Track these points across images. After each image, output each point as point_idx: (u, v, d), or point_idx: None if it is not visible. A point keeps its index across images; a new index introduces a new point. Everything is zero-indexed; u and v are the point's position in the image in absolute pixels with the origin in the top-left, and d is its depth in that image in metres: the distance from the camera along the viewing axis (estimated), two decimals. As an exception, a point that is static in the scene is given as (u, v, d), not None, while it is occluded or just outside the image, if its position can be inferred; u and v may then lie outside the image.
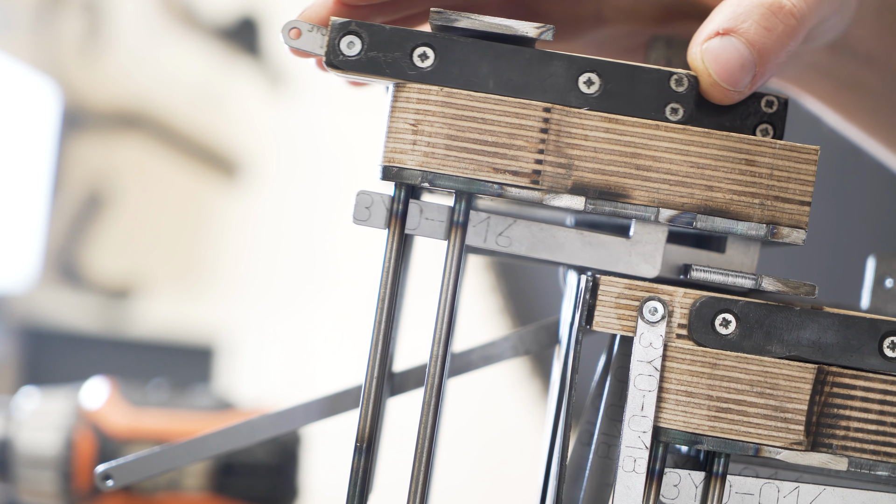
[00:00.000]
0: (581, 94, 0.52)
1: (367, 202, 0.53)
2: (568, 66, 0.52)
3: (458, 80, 0.52)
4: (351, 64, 0.52)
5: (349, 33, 0.52)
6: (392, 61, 0.52)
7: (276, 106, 2.54)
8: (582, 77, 0.52)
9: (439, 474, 0.68)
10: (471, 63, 0.52)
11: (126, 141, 2.54)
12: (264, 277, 2.57)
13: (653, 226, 0.53)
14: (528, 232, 0.53)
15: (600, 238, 0.53)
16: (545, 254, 0.53)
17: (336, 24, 0.52)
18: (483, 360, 0.63)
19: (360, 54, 0.52)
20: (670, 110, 0.52)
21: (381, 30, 0.52)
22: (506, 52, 0.52)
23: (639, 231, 0.53)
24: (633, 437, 0.51)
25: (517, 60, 0.52)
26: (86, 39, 2.50)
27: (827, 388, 0.52)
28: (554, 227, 0.53)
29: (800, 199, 0.52)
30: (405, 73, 0.52)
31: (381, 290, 0.52)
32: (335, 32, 0.52)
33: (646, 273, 0.53)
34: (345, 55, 0.52)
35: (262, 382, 2.44)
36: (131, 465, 0.61)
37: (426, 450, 0.52)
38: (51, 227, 2.47)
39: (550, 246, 0.53)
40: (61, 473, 0.93)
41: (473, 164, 0.52)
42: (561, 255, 0.53)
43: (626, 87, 0.52)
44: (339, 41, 0.52)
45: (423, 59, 0.52)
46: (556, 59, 0.52)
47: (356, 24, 0.52)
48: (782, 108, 0.55)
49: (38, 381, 1.37)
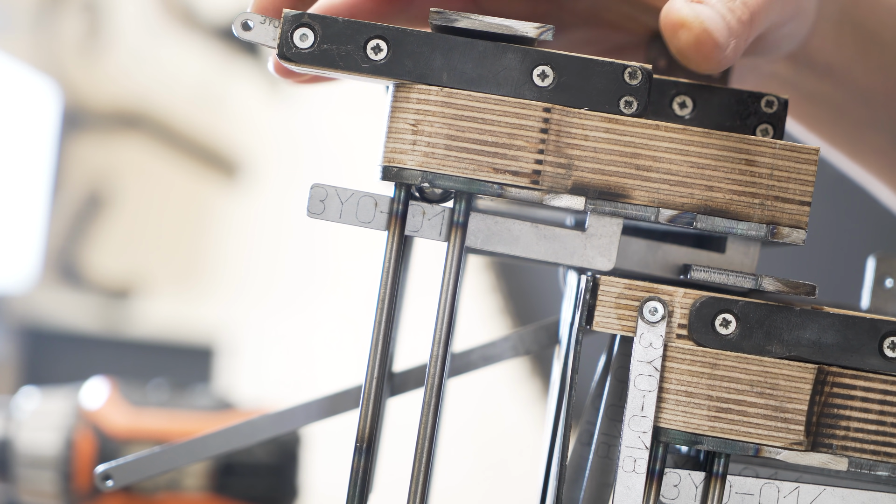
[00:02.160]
0: (535, 87, 0.52)
1: (322, 195, 0.53)
2: (522, 58, 0.52)
3: (412, 73, 0.52)
4: (304, 57, 0.52)
5: (302, 25, 0.52)
6: (345, 54, 0.52)
7: (276, 106, 2.54)
8: (536, 70, 0.52)
9: (439, 474, 0.68)
10: (424, 56, 0.52)
11: (126, 141, 2.54)
12: (264, 277, 2.57)
13: (607, 219, 0.52)
14: (484, 225, 0.53)
15: (555, 231, 0.53)
16: (500, 247, 0.53)
17: (289, 16, 0.52)
18: (483, 360, 0.63)
19: (312, 47, 0.52)
20: (624, 103, 0.52)
21: (333, 22, 0.52)
22: (459, 44, 0.52)
23: (594, 224, 0.52)
24: (633, 438, 0.51)
25: (470, 53, 0.52)
26: (86, 39, 2.50)
27: (827, 388, 0.52)
28: (509, 220, 0.53)
29: (800, 199, 0.52)
30: (358, 66, 0.52)
31: (382, 290, 0.52)
32: (288, 25, 0.52)
33: (601, 266, 0.52)
34: (298, 48, 0.52)
35: (262, 382, 2.44)
36: (131, 465, 0.61)
37: (426, 450, 0.52)
38: (51, 227, 2.47)
39: (505, 239, 0.53)
40: (61, 473, 0.93)
41: (473, 164, 0.52)
42: (516, 249, 0.53)
43: (580, 80, 0.52)
44: (292, 34, 0.52)
45: (377, 52, 0.52)
46: (509, 52, 0.52)
47: (309, 17, 0.52)
48: (782, 109, 0.55)
49: (38, 381, 1.37)
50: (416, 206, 0.53)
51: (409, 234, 0.53)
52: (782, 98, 0.54)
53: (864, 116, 0.69)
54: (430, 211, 0.53)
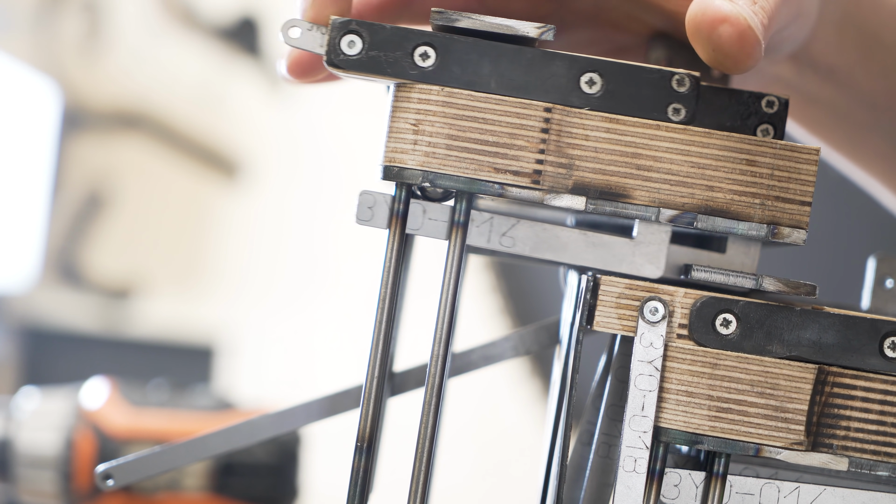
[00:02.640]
0: (583, 94, 0.52)
1: (370, 202, 0.53)
2: (569, 66, 0.52)
3: (460, 79, 0.52)
4: (352, 63, 0.52)
5: (350, 32, 0.52)
6: (393, 61, 0.52)
7: (276, 106, 2.54)
8: (584, 77, 0.52)
9: (439, 474, 0.68)
10: (472, 63, 0.52)
11: (126, 141, 2.54)
12: (264, 277, 2.57)
13: (656, 226, 0.53)
14: (532, 232, 0.53)
15: (604, 238, 0.53)
16: (549, 254, 0.53)
17: (336, 22, 0.52)
18: (483, 360, 0.63)
19: (360, 53, 0.52)
20: (672, 110, 0.52)
21: (381, 29, 0.52)
22: (507, 51, 0.52)
23: (642, 231, 0.53)
24: (633, 437, 0.51)
25: (519, 60, 0.52)
26: (86, 39, 2.50)
27: (827, 388, 0.52)
28: (557, 227, 0.53)
29: (800, 199, 0.52)
30: (406, 72, 0.52)
31: (382, 289, 0.52)
32: (335, 31, 0.52)
33: (650, 273, 0.53)
34: (345, 54, 0.52)
35: (262, 382, 2.44)
36: (131, 465, 0.61)
37: (426, 450, 0.52)
38: (51, 227, 2.47)
39: (554, 246, 0.53)
40: (61, 473, 0.93)
41: (474, 164, 0.52)
42: (565, 256, 0.53)
43: (628, 87, 0.52)
44: (340, 40, 0.52)
45: (425, 59, 0.52)
46: (557, 59, 0.52)
47: (356, 23, 0.52)
48: (783, 109, 0.55)
49: (38, 381, 1.37)
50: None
51: (410, 232, 0.53)
52: (783, 98, 0.54)
53: (867, 120, 0.69)
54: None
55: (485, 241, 0.53)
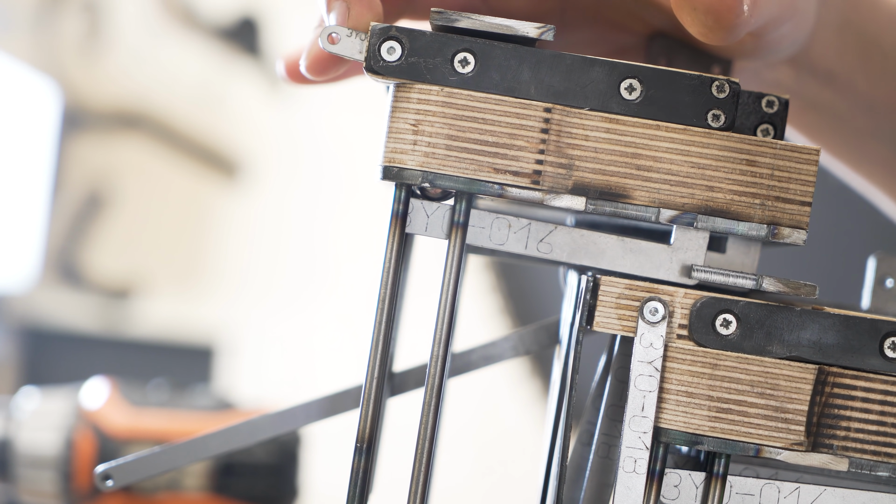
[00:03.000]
0: (623, 100, 0.52)
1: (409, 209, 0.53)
2: (609, 72, 0.52)
3: (500, 86, 0.51)
4: (391, 70, 0.52)
5: (389, 38, 0.52)
6: (433, 67, 0.52)
7: (276, 106, 2.54)
8: (624, 83, 0.52)
9: (439, 474, 0.68)
10: (512, 69, 0.52)
11: (126, 141, 2.54)
12: (264, 277, 2.57)
13: (693, 232, 0.52)
14: (569, 238, 0.53)
15: (641, 245, 0.53)
16: (586, 260, 0.53)
17: (376, 29, 0.52)
18: (483, 360, 0.63)
19: (400, 60, 0.52)
20: (712, 116, 0.52)
21: (421, 35, 0.52)
22: (546, 57, 0.52)
23: (679, 238, 0.53)
24: (633, 438, 0.51)
25: (558, 66, 0.52)
26: (86, 39, 2.50)
27: (827, 388, 0.51)
28: (595, 233, 0.53)
29: (800, 199, 0.52)
30: (446, 79, 0.52)
31: (382, 289, 0.52)
32: (375, 38, 0.52)
33: (687, 280, 0.52)
34: (385, 61, 0.52)
35: (262, 382, 2.44)
36: (131, 465, 0.61)
37: (426, 450, 0.52)
38: (51, 227, 2.47)
39: (591, 253, 0.53)
40: (61, 473, 0.93)
41: (474, 164, 0.52)
42: (602, 262, 0.53)
43: (668, 93, 0.52)
44: (380, 47, 0.52)
45: (464, 65, 0.52)
46: (597, 65, 0.52)
47: (396, 30, 0.52)
48: (783, 109, 0.55)
49: (38, 381, 1.37)
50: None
51: (410, 232, 0.53)
52: (783, 98, 0.54)
53: (867, 126, 0.68)
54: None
55: (522, 247, 0.53)
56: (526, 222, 0.53)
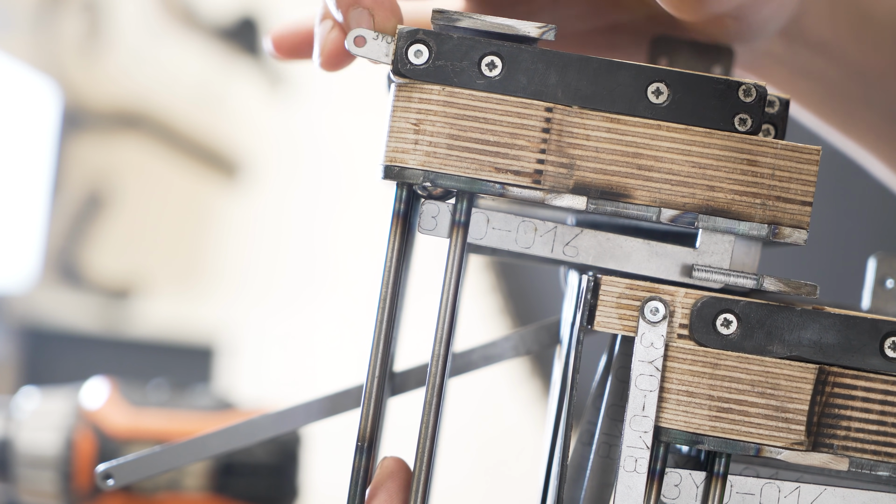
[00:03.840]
0: (650, 104, 0.52)
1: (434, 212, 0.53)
2: (636, 75, 0.52)
3: (526, 89, 0.52)
4: (418, 73, 0.52)
5: (416, 42, 0.52)
6: (460, 70, 0.52)
7: (276, 106, 2.54)
8: (651, 87, 0.52)
9: (439, 474, 0.68)
10: (539, 72, 0.52)
11: (126, 141, 2.54)
12: (264, 277, 2.57)
13: (720, 236, 0.52)
14: (595, 242, 0.53)
15: (667, 248, 0.53)
16: (612, 263, 0.53)
17: (403, 32, 0.52)
18: (484, 360, 0.63)
19: (427, 63, 0.52)
20: (738, 121, 0.52)
21: (448, 38, 0.52)
22: (573, 61, 0.52)
23: (705, 241, 0.52)
24: (634, 437, 0.51)
25: (585, 70, 0.52)
26: (86, 39, 2.49)
27: (828, 388, 0.52)
28: (621, 237, 0.53)
29: (801, 199, 0.52)
30: (473, 82, 0.52)
31: (383, 289, 0.52)
32: (403, 41, 0.52)
33: (713, 284, 0.52)
34: (412, 64, 0.52)
35: (262, 382, 2.44)
36: (131, 464, 0.61)
37: (427, 450, 0.52)
38: (51, 227, 2.47)
39: (617, 256, 0.53)
40: (61, 473, 0.93)
41: (475, 163, 0.52)
42: (628, 266, 0.53)
43: (695, 97, 0.52)
44: (407, 50, 0.52)
45: (491, 69, 0.52)
46: (623, 69, 0.52)
47: (423, 33, 0.52)
48: (783, 109, 0.55)
49: (38, 381, 1.37)
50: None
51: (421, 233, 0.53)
52: (783, 98, 0.54)
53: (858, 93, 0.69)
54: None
55: (548, 250, 0.53)
56: (552, 225, 0.53)
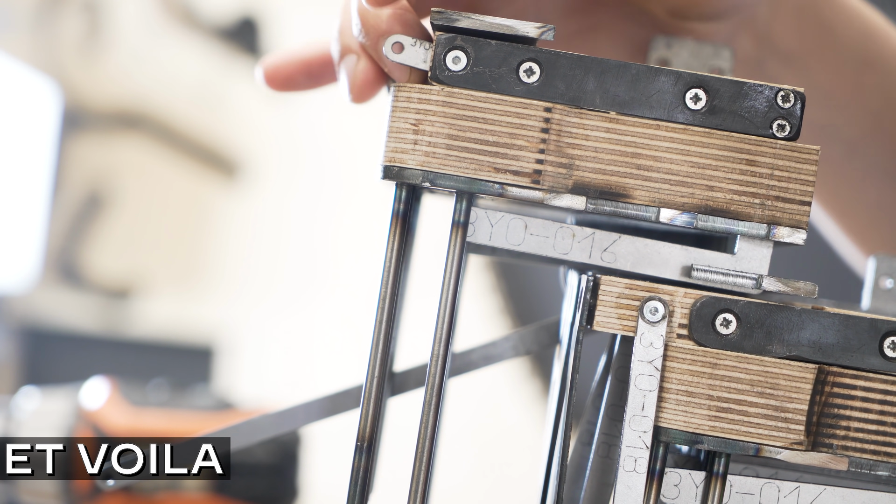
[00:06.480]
0: (688, 110, 0.52)
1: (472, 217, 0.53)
2: (674, 81, 0.52)
3: (565, 95, 0.52)
4: (456, 79, 0.52)
5: (455, 48, 0.52)
6: (498, 77, 0.52)
7: (276, 106, 2.54)
8: (689, 93, 0.52)
9: (439, 474, 0.68)
10: (577, 79, 0.52)
11: (126, 141, 2.54)
12: (264, 277, 2.57)
13: (757, 241, 0.52)
14: (633, 248, 0.53)
15: (704, 254, 0.53)
16: (650, 269, 0.53)
17: (441, 38, 0.52)
18: (483, 360, 0.63)
19: (465, 69, 0.52)
20: (777, 126, 0.52)
21: (486, 45, 0.52)
22: (612, 67, 0.52)
23: (743, 247, 0.52)
24: (633, 437, 0.51)
25: (623, 76, 0.52)
26: (86, 39, 2.50)
27: (827, 388, 0.52)
28: (658, 243, 0.53)
29: (800, 199, 0.52)
30: (511, 88, 0.52)
31: (382, 289, 0.52)
32: (441, 47, 0.52)
33: (752, 290, 0.52)
34: (451, 70, 0.52)
35: (262, 382, 2.44)
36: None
37: (427, 450, 0.52)
38: (51, 227, 2.47)
39: (655, 262, 0.53)
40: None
41: (474, 163, 0.52)
42: (665, 271, 0.53)
43: (733, 103, 0.52)
44: (445, 56, 0.52)
45: (530, 75, 0.52)
46: (661, 75, 0.52)
47: (462, 39, 0.52)
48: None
49: (38, 381, 1.37)
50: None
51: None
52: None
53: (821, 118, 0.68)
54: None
55: (586, 256, 0.53)
56: (590, 231, 0.53)
